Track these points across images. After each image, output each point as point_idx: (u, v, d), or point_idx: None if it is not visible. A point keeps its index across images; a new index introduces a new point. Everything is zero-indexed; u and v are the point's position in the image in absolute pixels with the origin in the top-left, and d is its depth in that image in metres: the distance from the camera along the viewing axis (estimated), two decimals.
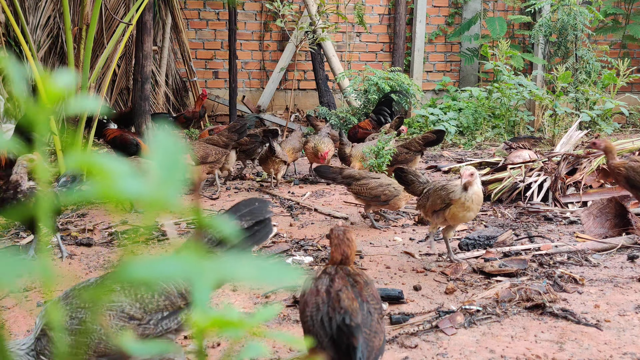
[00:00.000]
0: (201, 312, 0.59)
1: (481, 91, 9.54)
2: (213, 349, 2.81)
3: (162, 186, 0.56)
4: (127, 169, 0.57)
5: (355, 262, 3.94)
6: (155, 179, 0.57)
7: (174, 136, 0.63)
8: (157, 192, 0.56)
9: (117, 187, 0.55)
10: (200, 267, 0.54)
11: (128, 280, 0.55)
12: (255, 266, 0.57)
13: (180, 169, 0.59)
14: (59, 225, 4.76)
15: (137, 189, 0.55)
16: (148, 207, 0.56)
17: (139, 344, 0.70)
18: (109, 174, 0.56)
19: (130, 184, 0.55)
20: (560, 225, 4.80)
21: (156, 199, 0.56)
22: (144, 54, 7.38)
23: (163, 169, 0.58)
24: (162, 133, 0.62)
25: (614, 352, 2.73)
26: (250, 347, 0.74)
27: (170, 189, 0.56)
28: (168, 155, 0.59)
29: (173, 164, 0.59)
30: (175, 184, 0.58)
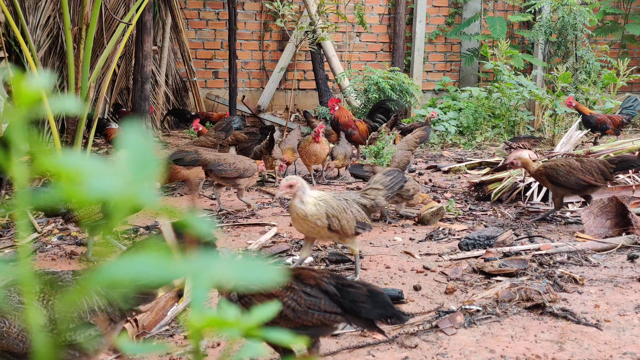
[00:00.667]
0: (198, 312, 0.59)
1: (481, 91, 9.54)
2: (213, 349, 2.81)
3: (132, 185, 0.56)
4: (99, 169, 0.56)
5: (355, 263, 3.94)
6: (126, 178, 0.57)
7: (145, 134, 0.62)
8: (127, 191, 0.55)
9: (85, 188, 0.55)
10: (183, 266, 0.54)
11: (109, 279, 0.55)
12: (237, 265, 0.57)
13: (151, 167, 0.58)
14: (60, 225, 4.76)
15: (106, 188, 0.55)
16: (117, 206, 0.56)
17: (132, 344, 0.70)
18: (78, 176, 0.55)
19: (99, 184, 0.55)
20: (560, 225, 4.79)
21: (126, 197, 0.55)
22: (144, 54, 7.38)
23: (134, 167, 0.58)
24: (133, 131, 0.62)
25: (614, 352, 2.73)
26: (248, 347, 0.74)
27: (140, 187, 0.56)
28: (139, 153, 0.59)
29: (144, 162, 0.58)
30: (146, 182, 0.57)
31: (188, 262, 0.56)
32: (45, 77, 0.63)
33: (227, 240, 4.48)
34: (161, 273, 0.53)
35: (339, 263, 3.93)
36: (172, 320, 3.12)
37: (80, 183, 0.55)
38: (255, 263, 0.56)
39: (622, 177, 5.62)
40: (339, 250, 4.19)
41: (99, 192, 0.55)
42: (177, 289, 3.32)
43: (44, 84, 0.61)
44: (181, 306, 3.21)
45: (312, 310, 2.26)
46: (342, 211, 3.41)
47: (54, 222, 4.81)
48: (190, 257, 0.56)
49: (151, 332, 2.98)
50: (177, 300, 3.28)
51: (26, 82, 0.60)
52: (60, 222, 4.85)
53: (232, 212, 5.24)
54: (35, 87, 0.60)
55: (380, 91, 8.44)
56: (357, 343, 2.84)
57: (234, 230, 4.74)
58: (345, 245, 3.62)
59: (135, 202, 0.56)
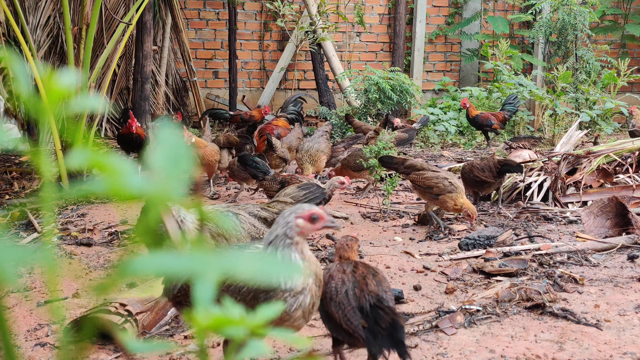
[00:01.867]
0: (203, 311, 0.59)
1: (481, 91, 9.54)
2: (214, 349, 2.81)
3: (166, 181, 0.57)
4: (129, 167, 0.57)
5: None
6: (160, 175, 0.57)
7: (176, 133, 0.63)
8: (161, 187, 0.56)
9: (124, 183, 0.56)
10: (202, 262, 0.54)
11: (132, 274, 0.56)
12: (257, 261, 0.57)
13: (183, 164, 0.59)
14: (60, 225, 4.76)
15: (141, 184, 0.56)
16: (152, 202, 0.57)
17: (135, 342, 0.70)
18: (116, 171, 0.56)
19: (135, 180, 0.56)
20: (560, 225, 4.80)
21: (160, 193, 0.56)
22: (144, 54, 7.38)
23: (167, 165, 0.58)
24: (165, 130, 0.62)
25: (614, 351, 2.73)
26: (251, 346, 0.74)
27: (174, 184, 0.57)
28: (171, 150, 0.60)
29: (176, 159, 0.59)
30: (179, 179, 0.58)
31: (194, 258, 0.56)
32: (73, 74, 0.64)
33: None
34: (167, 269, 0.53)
35: None
36: (172, 320, 3.12)
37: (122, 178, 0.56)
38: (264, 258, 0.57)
39: (622, 177, 5.62)
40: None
41: (136, 187, 0.56)
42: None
43: (73, 81, 0.62)
44: None
45: (339, 308, 2.26)
46: (229, 229, 3.10)
47: (54, 223, 4.82)
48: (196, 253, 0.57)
49: (151, 332, 2.98)
50: None
51: (56, 79, 0.61)
52: (60, 222, 4.85)
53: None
54: (65, 83, 0.60)
55: (380, 91, 8.44)
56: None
57: (235, 230, 4.74)
58: None
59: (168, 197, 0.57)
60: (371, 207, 5.41)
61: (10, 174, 6.34)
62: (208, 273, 0.52)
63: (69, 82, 0.61)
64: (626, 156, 5.77)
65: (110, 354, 2.75)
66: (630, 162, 5.67)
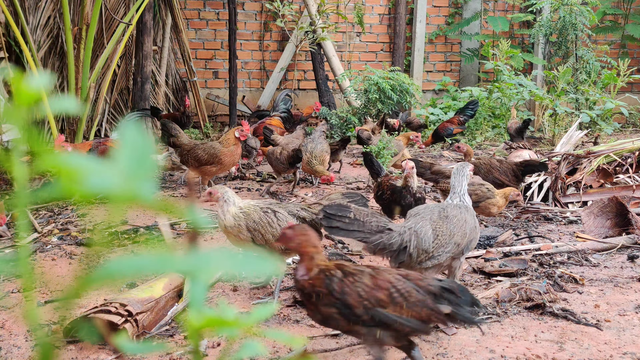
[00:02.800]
0: (196, 312, 0.58)
1: (481, 91, 9.53)
2: (213, 349, 2.81)
3: (130, 180, 0.56)
4: (96, 166, 0.57)
5: (355, 262, 3.94)
6: (124, 173, 0.57)
7: (142, 132, 0.62)
8: (125, 186, 0.56)
9: (84, 183, 0.55)
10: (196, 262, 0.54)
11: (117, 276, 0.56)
12: (235, 258, 0.57)
13: (149, 163, 0.59)
14: (60, 225, 4.76)
15: (105, 184, 0.55)
16: (116, 200, 0.57)
17: (132, 343, 0.70)
18: (76, 172, 0.56)
19: (97, 180, 0.55)
20: (560, 225, 4.79)
21: (124, 193, 0.56)
22: (144, 54, 7.38)
23: (132, 163, 0.58)
24: (131, 128, 0.62)
25: (614, 351, 2.73)
26: (248, 347, 0.74)
27: (139, 183, 0.56)
28: (137, 149, 0.59)
29: (142, 158, 0.59)
30: (144, 178, 0.57)
31: (188, 258, 0.56)
32: (44, 77, 0.63)
33: (226, 240, 4.48)
34: (161, 268, 0.53)
35: None
36: (172, 320, 3.12)
37: (80, 180, 0.56)
38: (255, 257, 0.57)
39: (622, 177, 5.62)
40: (339, 250, 4.19)
41: (98, 188, 0.55)
42: (177, 288, 3.32)
43: (43, 84, 0.61)
44: (181, 306, 3.21)
45: (422, 306, 2.32)
46: (266, 224, 3.21)
47: (54, 222, 4.81)
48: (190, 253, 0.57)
49: (151, 332, 2.98)
50: (177, 300, 3.28)
51: (26, 81, 0.61)
52: (60, 222, 4.85)
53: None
54: (35, 87, 0.60)
55: (380, 91, 8.44)
56: (358, 342, 2.84)
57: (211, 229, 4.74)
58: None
59: (133, 197, 0.56)
60: (371, 207, 5.41)
61: (10, 174, 6.34)
62: (199, 273, 0.52)
63: (40, 84, 0.61)
64: (626, 156, 5.77)
65: (110, 354, 2.75)
66: (630, 162, 5.67)
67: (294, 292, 3.39)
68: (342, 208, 2.86)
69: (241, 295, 3.45)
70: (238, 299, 3.42)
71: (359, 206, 3.33)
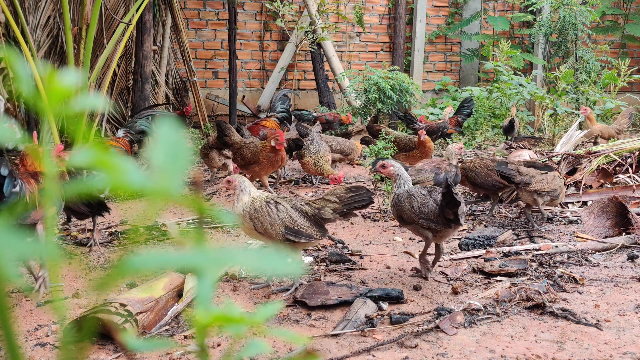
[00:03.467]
0: (203, 309, 0.59)
1: (481, 91, 9.54)
2: (213, 349, 2.81)
3: (165, 177, 0.57)
4: (130, 163, 0.57)
5: (355, 262, 3.94)
6: (159, 171, 0.57)
7: (176, 130, 0.63)
8: (161, 183, 0.56)
9: (125, 179, 0.56)
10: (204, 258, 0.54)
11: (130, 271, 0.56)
12: (256, 255, 0.57)
13: (183, 160, 0.59)
14: (60, 225, 4.76)
15: (142, 180, 0.56)
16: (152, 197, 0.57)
17: (139, 341, 0.70)
18: (117, 167, 0.56)
19: (136, 176, 0.56)
20: (560, 225, 4.79)
21: (160, 189, 0.56)
22: (144, 54, 7.38)
23: (166, 161, 0.58)
24: (165, 127, 0.62)
25: (614, 351, 2.73)
26: (251, 345, 0.74)
27: (174, 180, 0.57)
28: (171, 147, 0.60)
29: (176, 156, 0.59)
30: (178, 175, 0.58)
31: (195, 254, 0.56)
32: (74, 73, 0.64)
33: (227, 240, 4.48)
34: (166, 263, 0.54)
35: (339, 263, 3.93)
36: (172, 320, 3.12)
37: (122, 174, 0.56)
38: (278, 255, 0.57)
39: (622, 177, 5.62)
40: (339, 250, 4.19)
41: (137, 183, 0.56)
42: (177, 288, 3.32)
43: (74, 81, 0.62)
44: (181, 306, 3.21)
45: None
46: (265, 214, 3.34)
47: (55, 220, 4.82)
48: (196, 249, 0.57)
49: (151, 331, 2.98)
50: (177, 300, 3.29)
51: (58, 78, 0.61)
52: (60, 222, 4.85)
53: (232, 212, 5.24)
54: (67, 83, 0.61)
55: (380, 91, 8.43)
56: (358, 342, 2.84)
57: (233, 230, 4.74)
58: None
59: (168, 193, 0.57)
60: (371, 207, 5.41)
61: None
62: (208, 268, 0.52)
63: (70, 81, 0.61)
64: (626, 156, 5.77)
65: (110, 354, 2.75)
66: (630, 162, 5.67)
67: (293, 293, 3.40)
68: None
69: (241, 295, 3.45)
70: (238, 299, 3.42)
71: (363, 201, 3.38)
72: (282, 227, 3.33)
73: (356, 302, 3.18)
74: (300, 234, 3.35)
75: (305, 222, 3.37)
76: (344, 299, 3.25)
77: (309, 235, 3.35)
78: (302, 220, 3.37)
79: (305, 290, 3.34)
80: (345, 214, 3.43)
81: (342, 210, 3.40)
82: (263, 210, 3.35)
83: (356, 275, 3.73)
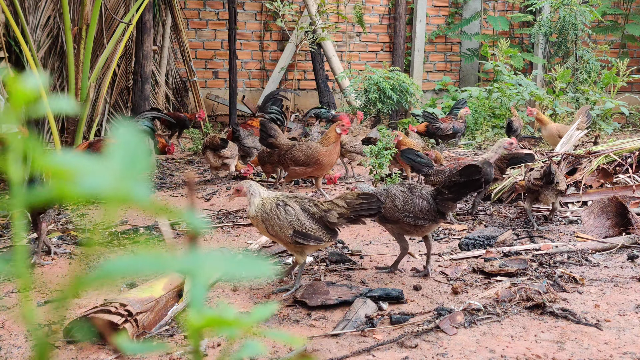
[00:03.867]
0: (196, 311, 0.58)
1: (481, 91, 9.53)
2: (213, 349, 2.81)
3: (123, 181, 0.56)
4: (90, 167, 0.57)
5: (355, 262, 3.94)
6: (117, 174, 0.57)
7: (135, 131, 0.62)
8: (118, 187, 0.56)
9: (77, 185, 0.55)
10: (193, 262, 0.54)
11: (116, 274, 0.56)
12: (229, 260, 0.57)
13: (142, 163, 0.59)
14: (60, 225, 4.76)
15: (97, 184, 0.55)
16: (109, 201, 0.57)
17: (133, 343, 0.70)
18: (69, 173, 0.56)
19: (91, 181, 0.55)
20: (560, 225, 4.79)
21: (117, 193, 0.56)
22: (144, 54, 7.38)
23: (125, 164, 0.58)
24: (124, 128, 0.62)
25: (614, 351, 2.73)
26: (248, 346, 0.74)
27: (132, 183, 0.56)
28: (130, 149, 0.59)
29: (135, 158, 0.59)
30: (137, 178, 0.57)
31: (187, 258, 0.56)
32: (41, 77, 0.63)
33: (227, 240, 4.48)
34: (159, 268, 0.53)
35: (339, 263, 3.93)
36: (172, 320, 3.12)
37: (74, 181, 0.56)
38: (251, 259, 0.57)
39: (622, 177, 5.62)
40: (339, 250, 4.19)
41: (91, 189, 0.55)
42: (177, 288, 3.32)
43: (39, 84, 0.61)
44: (181, 306, 3.21)
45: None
46: (274, 217, 3.34)
47: (54, 222, 4.81)
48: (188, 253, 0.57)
49: (151, 332, 2.98)
50: (177, 300, 3.28)
51: (22, 81, 0.61)
52: (60, 222, 4.85)
53: (232, 212, 5.24)
54: (31, 87, 0.60)
55: (380, 91, 8.43)
56: (358, 342, 2.84)
57: (233, 230, 4.74)
58: (292, 254, 3.54)
59: (126, 197, 0.56)
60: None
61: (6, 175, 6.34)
62: (200, 272, 0.52)
63: (34, 84, 0.61)
64: (626, 156, 5.77)
65: (110, 354, 2.75)
66: (630, 162, 5.67)
67: (293, 293, 3.40)
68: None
69: (241, 295, 3.45)
70: (238, 299, 3.42)
71: (371, 210, 3.36)
72: (291, 230, 3.32)
73: (356, 302, 3.18)
74: (308, 237, 3.32)
75: (314, 225, 3.34)
76: (344, 299, 3.25)
77: (317, 238, 3.33)
78: (311, 223, 3.34)
79: (305, 290, 3.34)
80: (353, 220, 3.38)
81: (350, 217, 3.35)
82: (272, 213, 3.36)
83: (356, 275, 3.73)
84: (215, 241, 4.46)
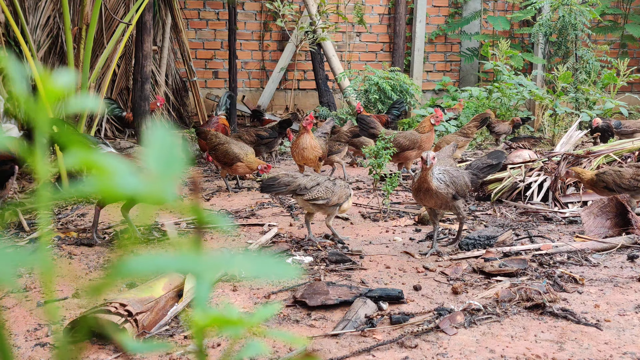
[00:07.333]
0: (200, 311, 0.59)
1: (481, 91, 9.54)
2: (213, 349, 2.81)
3: (159, 182, 0.57)
4: (124, 167, 0.57)
5: (355, 262, 3.94)
6: (152, 175, 0.57)
7: (170, 133, 0.63)
8: (154, 188, 0.56)
9: (116, 184, 0.55)
10: (201, 262, 0.54)
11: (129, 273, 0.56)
12: (256, 262, 0.57)
13: (177, 164, 0.59)
14: (60, 225, 4.76)
15: (134, 184, 0.56)
16: (146, 202, 0.57)
17: (134, 342, 0.70)
18: (108, 171, 0.56)
19: (128, 180, 0.56)
20: (560, 225, 4.80)
21: (153, 194, 0.56)
22: (143, 54, 7.38)
23: (160, 165, 0.58)
24: (159, 129, 0.62)
25: (614, 351, 2.73)
26: (250, 346, 0.74)
27: (167, 185, 0.57)
28: (165, 150, 0.59)
29: (170, 159, 0.59)
30: (172, 180, 0.58)
31: (193, 257, 0.56)
32: (70, 75, 0.63)
33: (227, 240, 4.48)
34: (166, 267, 0.53)
35: (339, 263, 3.93)
36: (172, 320, 3.12)
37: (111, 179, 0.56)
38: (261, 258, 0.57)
39: None
40: (339, 250, 4.19)
41: (128, 187, 0.56)
42: (177, 288, 3.32)
43: (71, 81, 0.62)
44: (181, 306, 3.21)
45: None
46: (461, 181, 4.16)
47: (53, 222, 4.81)
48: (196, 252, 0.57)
49: (151, 332, 2.98)
50: (177, 300, 3.28)
51: (53, 79, 0.61)
52: (60, 222, 4.85)
53: (232, 212, 5.24)
54: (61, 84, 0.60)
55: (380, 91, 8.43)
56: (358, 342, 2.84)
57: (233, 229, 4.74)
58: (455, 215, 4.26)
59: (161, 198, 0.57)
60: (371, 207, 5.41)
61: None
62: (205, 272, 0.52)
63: (66, 81, 0.61)
64: (626, 156, 5.77)
65: (110, 354, 2.75)
66: (630, 162, 5.67)
67: (293, 293, 3.40)
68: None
69: (241, 295, 3.45)
70: (238, 299, 3.42)
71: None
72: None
73: (356, 302, 3.18)
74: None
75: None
76: (344, 299, 3.25)
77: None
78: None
79: (305, 290, 3.34)
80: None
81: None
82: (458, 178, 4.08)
83: (356, 275, 3.74)
84: (215, 241, 4.46)
